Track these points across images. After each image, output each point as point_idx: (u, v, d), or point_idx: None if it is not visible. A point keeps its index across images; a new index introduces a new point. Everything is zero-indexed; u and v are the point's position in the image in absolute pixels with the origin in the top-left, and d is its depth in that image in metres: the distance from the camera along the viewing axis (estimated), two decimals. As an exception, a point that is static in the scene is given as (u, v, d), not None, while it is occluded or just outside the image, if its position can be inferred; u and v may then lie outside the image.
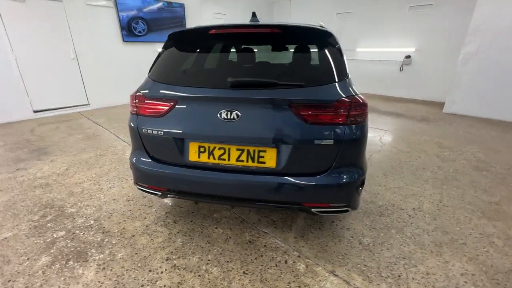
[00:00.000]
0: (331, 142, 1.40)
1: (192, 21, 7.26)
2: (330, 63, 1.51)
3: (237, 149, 1.50)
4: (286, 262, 1.68)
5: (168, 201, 2.33)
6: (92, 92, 5.80)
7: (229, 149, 1.51)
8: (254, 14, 1.99)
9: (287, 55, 1.81)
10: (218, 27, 1.67)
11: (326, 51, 1.56)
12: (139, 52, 6.40)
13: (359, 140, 1.45)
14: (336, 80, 1.46)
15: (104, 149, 3.54)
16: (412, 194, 2.45)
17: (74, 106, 5.59)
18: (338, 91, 1.42)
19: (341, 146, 1.42)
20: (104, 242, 1.84)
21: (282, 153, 1.45)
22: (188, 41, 1.81)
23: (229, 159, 1.52)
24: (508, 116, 4.95)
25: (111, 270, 1.61)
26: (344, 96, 1.40)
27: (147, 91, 1.62)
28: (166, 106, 1.55)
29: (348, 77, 1.51)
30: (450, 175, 2.82)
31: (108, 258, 1.70)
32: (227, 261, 1.68)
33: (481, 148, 3.57)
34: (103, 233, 1.93)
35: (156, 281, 1.54)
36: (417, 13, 6.47)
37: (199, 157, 1.56)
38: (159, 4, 6.33)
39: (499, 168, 2.99)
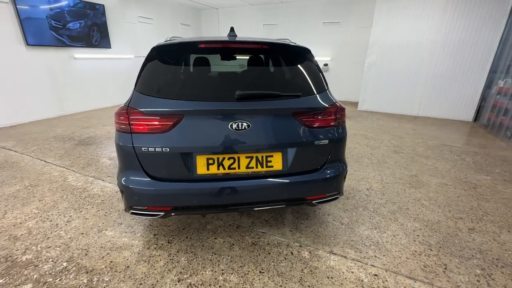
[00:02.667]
0: (326, 142, 1.67)
1: (115, 25, 6.57)
2: (316, 76, 1.79)
3: (246, 157, 1.59)
4: (292, 253, 1.86)
5: (150, 222, 2.16)
6: (-14, 108, 4.53)
7: (238, 158, 1.59)
8: (232, 29, 2.09)
9: (273, 69, 2.00)
10: (208, 42, 1.72)
11: (309, 65, 1.83)
12: (50, 59, 5.37)
13: (343, 138, 1.77)
14: (323, 90, 1.75)
15: (33, 178, 2.89)
16: (362, 178, 3.03)
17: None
18: (327, 99, 1.71)
19: (333, 145, 1.71)
20: (95, 282, 1.59)
21: (288, 156, 1.64)
22: (175, 55, 1.78)
23: (239, 167, 1.60)
24: (400, 110, 6.53)
25: (118, 309, 1.43)
26: (332, 103, 1.70)
27: (143, 106, 1.52)
28: (170, 121, 1.50)
29: (328, 87, 1.82)
30: (380, 159, 3.60)
31: (108, 298, 1.50)
32: (241, 266, 1.74)
33: (392, 136, 4.65)
34: (87, 273, 1.66)
35: (177, 304, 1.47)
36: (329, 28, 7.72)
37: (208, 169, 1.58)
38: (70, 1, 5.46)
39: (408, 150, 3.99)
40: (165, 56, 1.72)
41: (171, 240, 1.97)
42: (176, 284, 1.59)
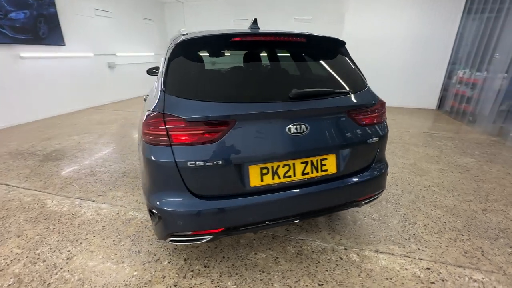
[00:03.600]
0: (376, 139, 1.60)
1: (68, 18, 5.70)
2: (356, 71, 1.70)
3: (301, 163, 1.44)
4: (341, 258, 1.77)
5: (174, 246, 1.86)
6: None
7: (294, 164, 1.42)
8: (255, 21, 1.88)
9: (314, 64, 1.83)
10: (241, 35, 1.50)
11: (346, 59, 1.73)
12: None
13: (387, 134, 1.73)
14: (365, 86, 1.67)
15: None
16: (369, 170, 3.09)
17: None
18: (372, 95, 1.63)
19: (380, 142, 1.65)
20: (135, 332, 1.29)
21: (341, 157, 1.52)
22: (207, 49, 1.52)
23: (294, 175, 1.43)
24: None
25: None
26: (378, 98, 1.63)
27: (184, 112, 1.25)
28: (221, 128, 1.27)
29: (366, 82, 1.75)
30: (377, 150, 3.72)
31: None
32: (296, 281, 1.59)
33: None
34: (119, 321, 1.34)
35: None
36: (301, 24, 7.80)
37: (262, 180, 1.38)
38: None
39: (397, 139, 4.21)
40: (196, 52, 1.47)
41: (207, 263, 1.72)
42: (234, 316, 1.38)
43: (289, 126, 1.35)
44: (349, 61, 1.74)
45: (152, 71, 3.83)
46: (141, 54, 8.13)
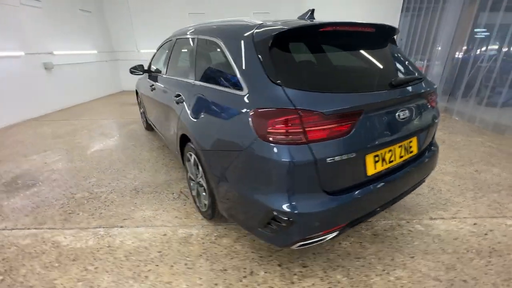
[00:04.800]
0: (438, 120, 1.80)
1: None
2: (408, 59, 1.85)
3: (399, 147, 1.52)
4: (410, 230, 1.94)
5: (255, 257, 1.73)
6: None
7: (394, 149, 1.49)
8: (312, 13, 1.82)
9: (384, 53, 1.84)
10: (337, 24, 1.45)
11: (398, 48, 1.87)
12: None
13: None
14: (420, 72, 1.85)
15: None
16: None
17: None
18: (429, 81, 1.82)
19: (438, 122, 1.86)
20: None
21: (420, 138, 1.67)
22: (306, 40, 1.44)
23: (395, 159, 1.51)
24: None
25: None
26: (433, 83, 1.83)
27: (319, 106, 1.17)
28: (353, 119, 1.24)
29: (414, 69, 1.93)
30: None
31: None
32: (392, 259, 1.68)
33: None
34: None
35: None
36: (259, 17, 7.87)
37: (375, 168, 1.41)
38: None
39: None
40: (294, 43, 1.37)
41: (304, 263, 1.66)
42: (365, 305, 1.39)
43: (398, 112, 1.41)
44: (399, 49, 1.88)
45: (136, 71, 3.36)
46: (83, 52, 6.92)
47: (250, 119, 1.27)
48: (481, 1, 4.77)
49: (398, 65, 1.79)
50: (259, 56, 1.34)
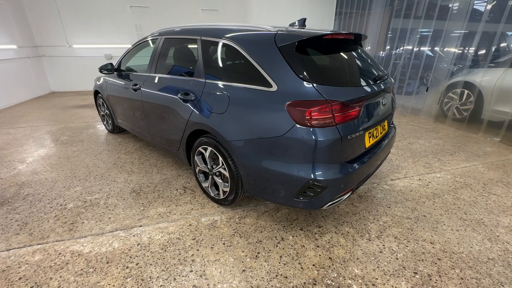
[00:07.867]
0: (396, 105, 2.44)
1: None
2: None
3: (380, 126, 2.06)
4: (383, 189, 2.57)
5: (279, 227, 2.05)
6: None
7: (378, 128, 2.02)
8: (304, 21, 2.18)
9: (358, 56, 2.28)
10: (335, 33, 1.86)
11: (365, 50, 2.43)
12: None
13: (391, 101, 2.61)
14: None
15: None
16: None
17: None
18: (390, 76, 2.43)
19: (396, 107, 2.51)
20: None
21: (389, 119, 2.26)
22: (318, 46, 1.81)
23: (378, 135, 2.04)
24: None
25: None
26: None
27: (341, 97, 1.57)
28: (360, 106, 1.67)
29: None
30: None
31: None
32: (377, 215, 2.24)
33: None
34: None
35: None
36: (208, 15, 7.91)
37: (369, 142, 1.90)
38: None
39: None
40: (312, 48, 1.75)
41: (319, 224, 2.07)
42: (374, 240, 1.88)
43: (381, 100, 1.92)
44: (366, 52, 2.45)
45: (107, 69, 3.19)
46: (-1, 47, 5.74)
47: (286, 109, 1.57)
48: (392, 9, 6.06)
49: (373, 64, 2.36)
50: (285, 58, 1.64)
